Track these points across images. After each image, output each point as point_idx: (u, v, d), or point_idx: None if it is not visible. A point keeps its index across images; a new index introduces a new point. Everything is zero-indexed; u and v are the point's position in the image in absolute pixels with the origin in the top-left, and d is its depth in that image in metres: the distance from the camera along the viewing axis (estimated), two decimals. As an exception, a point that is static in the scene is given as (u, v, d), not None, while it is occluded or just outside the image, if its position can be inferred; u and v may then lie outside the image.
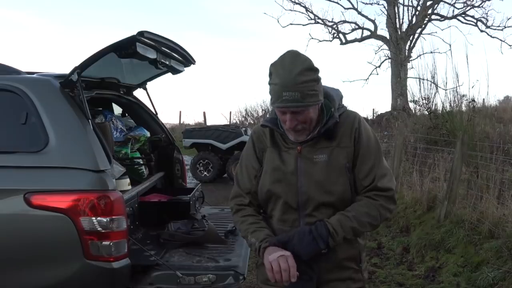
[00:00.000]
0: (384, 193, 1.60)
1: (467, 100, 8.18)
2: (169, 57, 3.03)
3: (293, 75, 1.48)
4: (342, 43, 19.79)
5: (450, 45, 17.05)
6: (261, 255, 1.59)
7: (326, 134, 1.61)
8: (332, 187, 1.59)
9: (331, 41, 19.72)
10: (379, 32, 19.15)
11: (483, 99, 9.57)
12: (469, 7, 17.97)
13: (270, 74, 1.56)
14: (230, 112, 20.48)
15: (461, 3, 17.97)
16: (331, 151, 1.61)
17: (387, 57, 18.75)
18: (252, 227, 1.66)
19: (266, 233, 1.62)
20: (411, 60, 18.16)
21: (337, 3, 19.00)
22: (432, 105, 9.11)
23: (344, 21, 19.33)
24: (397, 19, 18.06)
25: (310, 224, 1.59)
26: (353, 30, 19.51)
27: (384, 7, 18.26)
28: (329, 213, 1.60)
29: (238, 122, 19.79)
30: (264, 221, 1.70)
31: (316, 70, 1.54)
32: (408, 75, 17.18)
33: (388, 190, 1.61)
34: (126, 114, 3.98)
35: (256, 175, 1.71)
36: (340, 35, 19.57)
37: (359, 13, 18.92)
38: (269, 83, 1.56)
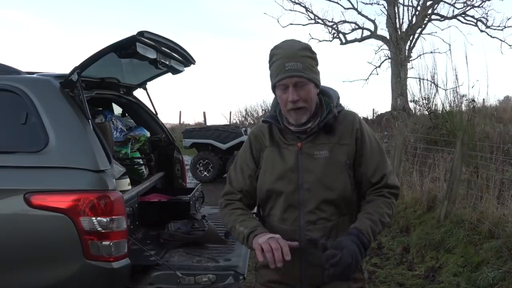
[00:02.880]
0: (394, 190, 1.65)
1: (467, 100, 8.18)
2: (169, 57, 3.03)
3: (295, 49, 1.58)
4: (342, 43, 19.80)
5: (450, 45, 17.03)
6: (249, 242, 1.57)
7: (325, 129, 1.63)
8: (333, 183, 1.60)
9: (331, 41, 19.74)
10: (379, 32, 19.16)
11: (483, 99, 9.59)
12: (469, 7, 17.97)
13: (271, 57, 1.62)
14: (230, 112, 20.52)
15: (461, 3, 17.98)
16: (331, 148, 1.62)
17: (387, 57, 18.75)
18: (241, 217, 1.66)
19: (256, 223, 1.63)
20: (411, 60, 18.17)
21: (337, 3, 19.01)
22: (432, 105, 9.11)
23: (344, 21, 19.33)
24: (397, 19, 18.05)
25: (311, 222, 1.59)
26: (353, 30, 19.51)
27: (384, 7, 18.27)
28: (330, 211, 1.60)
29: (238, 122, 19.79)
30: (251, 214, 1.71)
31: (314, 53, 1.63)
32: (408, 75, 17.19)
33: (397, 188, 1.67)
34: (126, 114, 3.98)
35: (251, 175, 1.72)
36: (340, 35, 19.57)
37: (359, 13, 18.94)
38: (270, 64, 1.62)
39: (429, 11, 18.41)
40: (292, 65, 1.55)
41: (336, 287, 1.63)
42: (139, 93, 3.77)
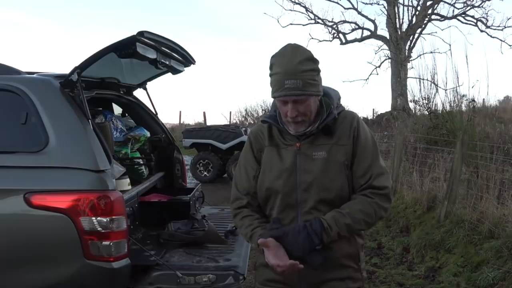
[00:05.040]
0: (380, 191, 1.61)
1: (467, 100, 8.18)
2: (169, 57, 3.03)
3: (295, 64, 1.52)
4: (342, 43, 19.79)
5: (450, 45, 16.98)
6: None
7: (324, 130, 1.64)
8: (330, 183, 1.60)
9: (331, 41, 19.74)
10: (379, 32, 19.15)
11: (483, 99, 9.58)
12: (469, 7, 17.96)
13: (271, 66, 1.59)
14: (230, 112, 20.51)
15: (461, 3, 17.97)
16: (329, 148, 1.62)
17: (387, 57, 18.74)
18: (248, 231, 1.67)
19: (260, 233, 1.63)
20: (411, 60, 18.16)
21: (337, 3, 19.00)
22: (432, 105, 9.09)
23: (344, 21, 19.33)
24: (397, 19, 18.05)
25: (308, 222, 1.59)
26: (353, 30, 19.51)
27: (384, 7, 18.27)
28: (327, 211, 1.60)
29: (238, 122, 19.79)
30: (260, 219, 1.71)
31: (316, 61, 1.58)
32: (408, 75, 17.17)
33: (383, 188, 1.62)
34: (126, 114, 3.98)
35: (255, 176, 1.71)
36: (340, 35, 19.57)
37: (359, 13, 18.93)
38: (270, 74, 1.60)
39: (429, 11, 18.41)
40: (292, 83, 1.52)
41: (333, 286, 1.64)
42: (139, 93, 3.78)
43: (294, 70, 1.52)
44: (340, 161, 1.61)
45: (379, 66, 19.03)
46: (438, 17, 18.48)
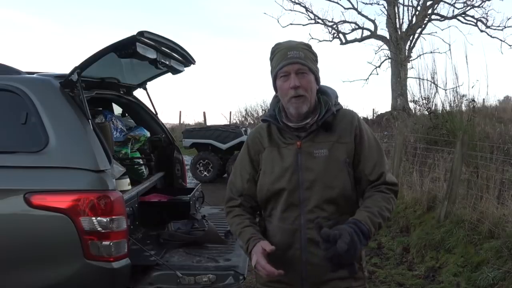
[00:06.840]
0: (393, 187, 1.65)
1: (467, 100, 8.18)
2: (169, 57, 3.03)
3: (296, 43, 1.67)
4: (342, 43, 19.78)
5: (450, 45, 16.88)
6: (248, 255, 1.63)
7: (324, 127, 1.65)
8: (333, 181, 1.60)
9: (331, 41, 19.70)
10: (379, 32, 19.13)
11: (483, 99, 9.60)
12: (469, 7, 17.93)
13: (273, 51, 1.67)
14: (230, 112, 20.48)
15: (461, 3, 17.93)
16: (331, 146, 1.63)
17: (387, 57, 18.71)
18: (238, 228, 1.69)
19: (251, 232, 1.65)
20: (411, 60, 18.13)
21: (337, 3, 18.97)
22: (432, 105, 9.09)
23: (344, 21, 19.30)
24: (397, 19, 18.04)
25: (311, 220, 1.59)
26: (353, 30, 19.48)
27: (384, 7, 18.24)
28: (330, 210, 1.61)
29: (238, 122, 19.78)
30: (251, 219, 1.73)
31: (315, 52, 1.68)
32: (408, 75, 17.15)
33: (395, 185, 1.67)
34: (126, 114, 3.98)
35: (249, 179, 1.73)
36: (340, 35, 19.54)
37: (359, 13, 18.91)
38: (272, 57, 1.67)
39: (429, 11, 18.38)
40: (294, 53, 1.60)
41: (335, 286, 1.63)
42: (139, 93, 3.78)
43: (296, 45, 1.64)
44: (342, 159, 1.62)
45: (379, 66, 19.02)
46: (438, 17, 18.46)
